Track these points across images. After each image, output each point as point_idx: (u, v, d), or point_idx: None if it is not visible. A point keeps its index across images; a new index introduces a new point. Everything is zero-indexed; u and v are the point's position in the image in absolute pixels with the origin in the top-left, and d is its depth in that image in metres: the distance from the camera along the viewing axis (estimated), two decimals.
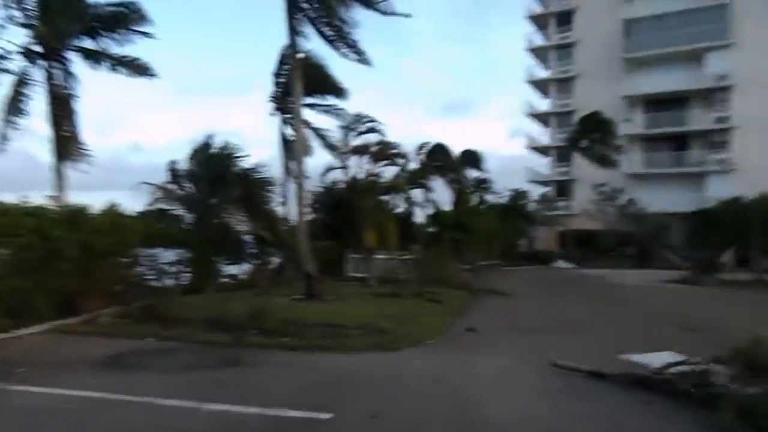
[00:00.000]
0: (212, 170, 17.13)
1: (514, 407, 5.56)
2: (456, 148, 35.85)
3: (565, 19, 44.56)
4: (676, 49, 38.26)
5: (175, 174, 17.73)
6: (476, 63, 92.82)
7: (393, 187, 21.19)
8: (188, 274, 15.02)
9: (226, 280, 17.16)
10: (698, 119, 37.97)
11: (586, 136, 35.54)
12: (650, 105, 40.11)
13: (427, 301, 13.48)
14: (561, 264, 33.28)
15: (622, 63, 40.28)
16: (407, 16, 14.59)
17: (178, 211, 17.39)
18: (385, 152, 21.46)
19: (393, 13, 14.09)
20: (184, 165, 17.69)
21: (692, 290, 20.55)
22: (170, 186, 17.47)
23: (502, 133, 75.54)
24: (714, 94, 37.63)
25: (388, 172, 21.88)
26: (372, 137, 21.40)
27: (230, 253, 17.44)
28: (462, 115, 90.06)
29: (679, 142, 39.11)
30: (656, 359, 7.04)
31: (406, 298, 13.85)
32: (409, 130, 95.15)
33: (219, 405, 5.37)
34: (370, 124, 21.44)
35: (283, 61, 18.63)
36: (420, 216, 27.38)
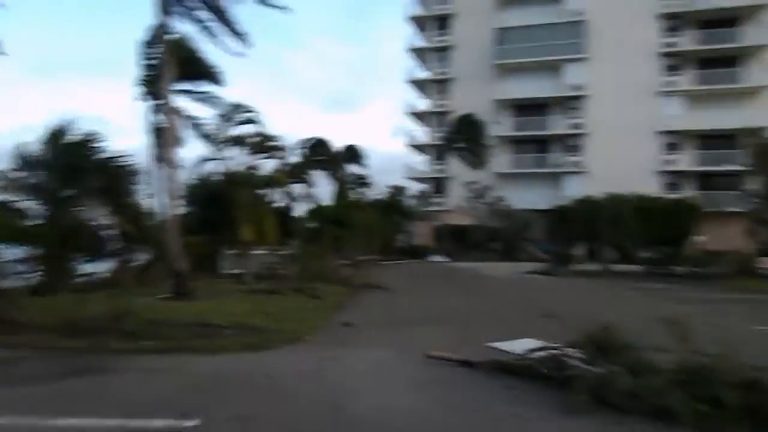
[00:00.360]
0: (68, 158, 15.38)
1: (389, 400, 5.61)
2: (340, 144, 36.02)
3: (444, 23, 46.50)
4: (540, 59, 41.62)
5: (23, 161, 15.69)
6: (361, 60, 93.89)
7: (272, 181, 20.66)
8: (38, 274, 13.42)
9: (83, 279, 15.56)
10: (557, 124, 41.64)
11: (460, 136, 37.47)
12: (518, 109, 43.22)
13: (306, 297, 13.29)
14: (436, 258, 34.76)
15: (493, 69, 42.93)
16: (284, 8, 13.95)
17: (26, 203, 15.44)
18: (264, 144, 20.86)
19: (271, 4, 13.57)
20: (35, 151, 15.71)
21: (550, 280, 22.50)
22: (16, 174, 15.44)
23: (385, 130, 77.24)
24: (571, 102, 41.49)
25: (268, 166, 21.32)
26: (250, 128, 20.69)
27: (88, 249, 15.84)
28: (346, 110, 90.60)
29: (542, 144, 42.63)
30: (519, 346, 7.50)
31: (285, 294, 13.54)
32: (293, 124, 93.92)
33: (72, 419, 4.80)
34: (248, 115, 20.66)
35: (152, 42, 17.25)
36: (300, 211, 27.06)
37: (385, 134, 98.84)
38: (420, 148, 48.11)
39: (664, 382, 5.21)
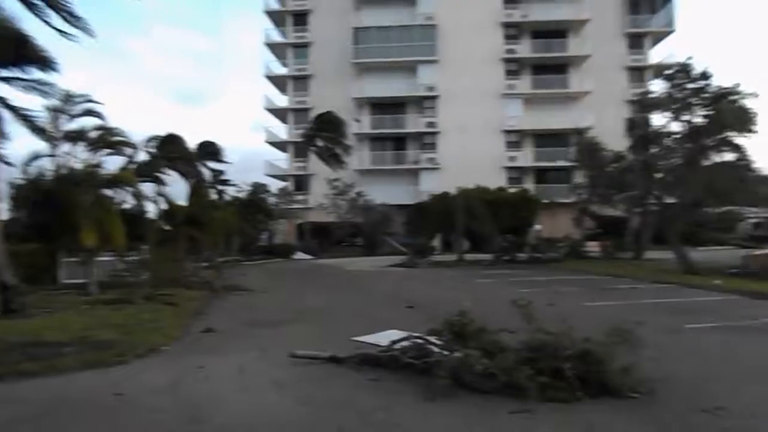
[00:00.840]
0: None
1: (253, 405, 5.43)
2: (196, 139, 34.11)
3: (301, 19, 46.16)
4: (395, 60, 43.13)
5: None
6: (217, 52, 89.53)
7: (118, 180, 18.86)
8: None
9: None
10: (413, 123, 43.52)
11: (319, 133, 37.47)
12: (376, 108, 44.37)
13: (160, 305, 12.37)
14: (300, 256, 34.47)
15: (351, 67, 43.57)
16: None
17: None
18: (107, 139, 18.97)
19: None
20: None
21: (410, 272, 23.45)
22: None
23: (245, 126, 74.65)
24: (425, 102, 43.60)
25: (113, 163, 19.43)
26: (91, 122, 18.69)
27: None
28: (203, 105, 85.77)
29: (399, 142, 44.27)
30: (384, 338, 7.70)
31: (136, 303, 12.48)
32: (145, 119, 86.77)
33: None
34: (88, 106, 18.66)
35: None
36: (152, 212, 25.09)
37: (244, 130, 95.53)
38: (280, 145, 47.35)
39: (512, 360, 5.69)
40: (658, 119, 23.41)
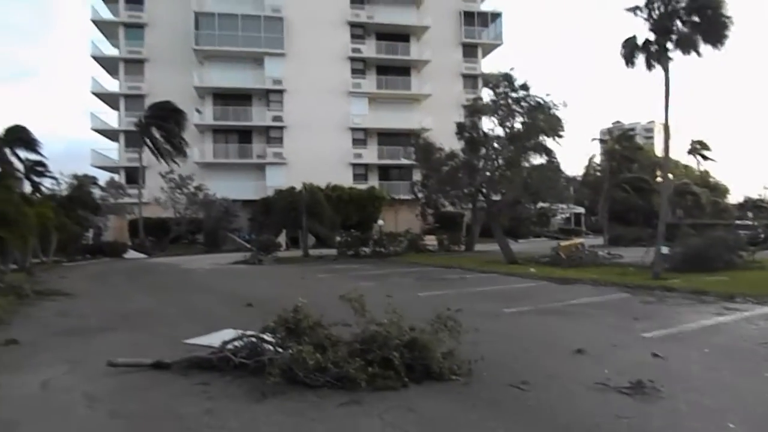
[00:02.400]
0: None
1: (57, 425, 4.85)
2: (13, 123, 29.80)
3: None
4: (241, 50, 41.60)
5: None
6: (40, 26, 78.25)
7: None
8: None
9: None
10: (260, 116, 42.42)
11: (155, 122, 34.91)
12: (220, 98, 42.41)
13: None
14: (132, 255, 31.71)
15: (193, 54, 41.10)
16: None
17: None
18: None
19: None
20: None
21: (253, 269, 22.90)
22: None
23: (73, 110, 66.62)
24: (272, 95, 42.74)
25: None
26: None
27: None
28: (21, 85, 74.36)
29: (245, 135, 42.85)
30: (218, 339, 7.37)
31: None
32: None
33: None
34: None
35: None
36: None
37: (72, 116, 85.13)
38: (110, 133, 43.11)
39: (345, 353, 5.81)
40: (486, 123, 25.78)
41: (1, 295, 13.71)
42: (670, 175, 30.48)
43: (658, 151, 61.64)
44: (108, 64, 43.45)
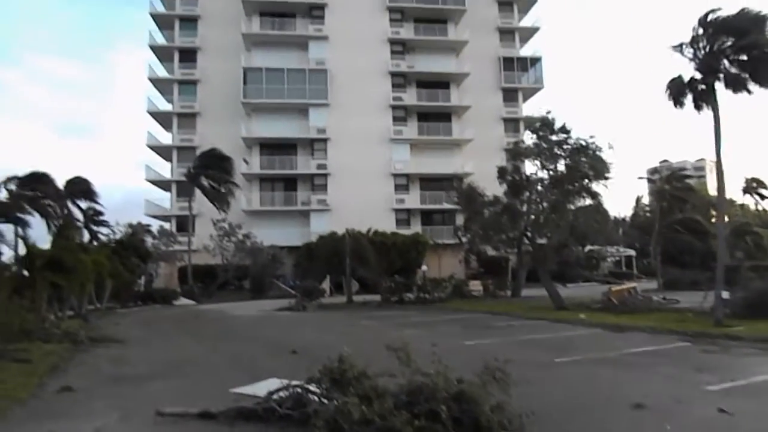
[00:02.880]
0: None
1: None
2: (71, 176, 31.75)
3: (189, 56, 45.06)
4: (287, 102, 43.22)
5: None
6: (100, 85, 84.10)
7: None
8: None
9: None
10: (304, 164, 43.51)
11: (204, 171, 36.29)
12: (266, 148, 43.85)
13: (9, 362, 10.91)
14: (181, 301, 32.44)
15: (241, 107, 42.95)
16: None
17: None
18: None
19: None
20: None
21: (298, 316, 22.96)
22: None
23: (129, 163, 70.42)
24: (316, 144, 43.91)
25: None
26: None
27: None
28: (85, 139, 79.50)
29: (290, 183, 43.93)
30: (263, 388, 7.37)
31: None
32: (20, 153, 78.71)
33: None
34: None
35: None
36: (8, 256, 22.52)
37: (129, 168, 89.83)
38: (163, 184, 45.03)
39: (390, 405, 5.68)
40: (529, 167, 25.61)
41: (57, 341, 14.21)
42: (726, 216, 29.23)
43: (712, 190, 59.45)
44: (162, 118, 45.87)
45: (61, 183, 32.66)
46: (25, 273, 19.49)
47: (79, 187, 34.04)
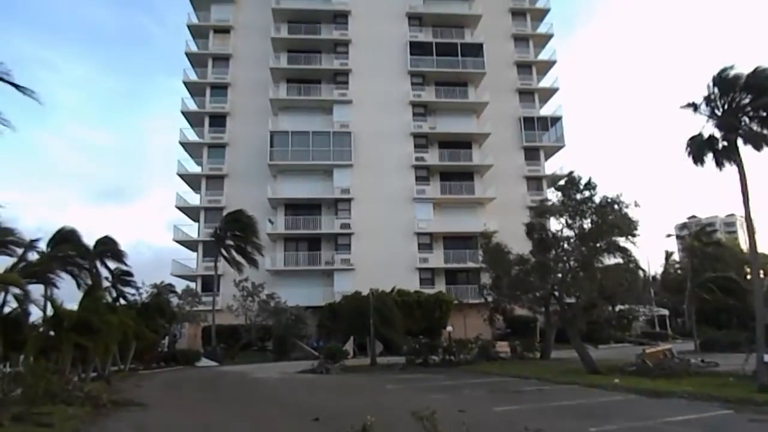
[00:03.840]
0: None
1: None
2: (116, 238, 32.80)
3: (218, 120, 46.89)
4: (311, 163, 44.22)
5: None
6: (133, 148, 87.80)
7: (1, 281, 17.14)
8: None
9: None
10: (328, 224, 43.91)
11: (230, 232, 36.84)
12: (291, 208, 44.51)
13: (32, 427, 10.84)
14: (204, 363, 32.19)
15: (267, 168, 44.05)
16: (30, 93, 11.50)
17: None
18: None
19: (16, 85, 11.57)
20: None
21: (321, 379, 22.48)
22: None
23: (158, 223, 72.33)
24: (339, 204, 44.45)
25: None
26: None
27: None
28: (118, 202, 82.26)
29: (314, 242, 44.20)
30: None
31: (4, 424, 10.86)
32: (56, 214, 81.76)
33: None
34: None
35: None
36: (36, 317, 22.87)
37: (157, 228, 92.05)
38: (191, 243, 45.78)
39: None
40: (554, 224, 25.34)
41: (80, 405, 14.11)
42: (761, 272, 28.24)
43: (744, 246, 57.83)
44: (192, 180, 47.19)
45: (91, 241, 33.47)
46: (52, 333, 19.70)
47: (108, 247, 34.72)
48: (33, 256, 26.75)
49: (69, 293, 28.10)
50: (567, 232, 23.49)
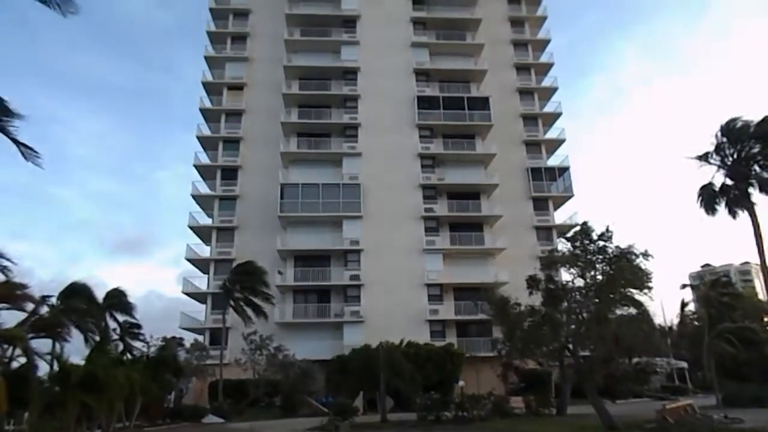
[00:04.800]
0: None
1: None
2: (129, 291, 32.85)
3: (230, 173, 47.72)
4: (321, 215, 44.54)
5: None
6: (147, 201, 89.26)
7: (7, 338, 17.09)
8: None
9: None
10: (338, 275, 43.74)
11: (239, 284, 36.78)
12: (300, 260, 44.48)
13: None
14: (210, 419, 31.41)
15: (277, 220, 44.39)
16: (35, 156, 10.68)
17: None
18: (5, 292, 17.55)
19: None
20: None
21: None
22: None
23: (172, 274, 72.61)
24: (349, 255, 44.40)
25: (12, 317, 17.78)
26: None
27: None
28: (132, 253, 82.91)
29: (323, 294, 43.90)
30: None
31: None
32: (66, 267, 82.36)
33: None
34: None
35: None
36: (43, 373, 22.60)
37: (169, 279, 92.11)
38: (200, 296, 45.66)
39: None
40: (565, 275, 25.04)
41: None
42: None
43: (762, 294, 56.66)
44: (202, 232, 47.56)
45: (103, 294, 33.53)
46: (57, 390, 19.44)
47: (117, 300, 34.74)
48: (43, 310, 26.78)
49: (78, 348, 27.94)
50: (578, 283, 23.21)
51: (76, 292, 30.59)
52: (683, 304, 49.91)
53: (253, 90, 50.57)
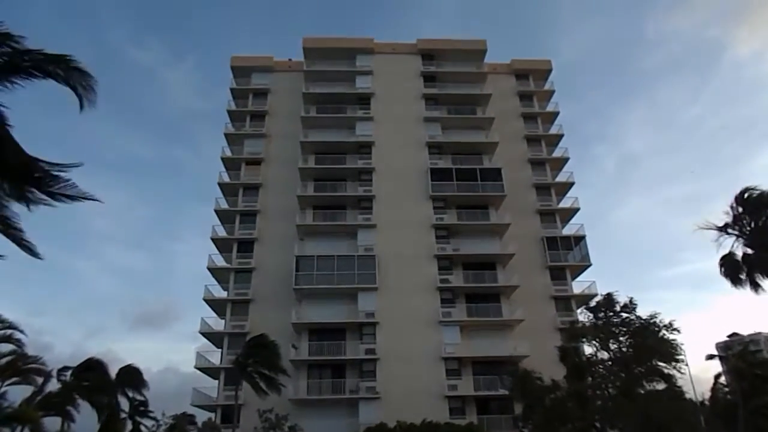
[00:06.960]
0: None
1: None
2: (147, 367, 32.08)
3: (246, 246, 48.11)
4: (336, 287, 44.24)
5: None
6: (166, 274, 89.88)
7: (17, 418, 16.76)
8: None
9: None
10: (353, 349, 42.78)
11: (252, 358, 36.08)
12: (315, 333, 43.73)
13: None
14: None
15: (292, 293, 44.14)
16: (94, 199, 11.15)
17: None
18: (17, 367, 17.42)
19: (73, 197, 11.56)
20: None
21: None
22: None
23: (190, 349, 71.77)
24: (364, 328, 43.62)
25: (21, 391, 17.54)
26: (3, 347, 17.35)
27: None
28: (153, 327, 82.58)
29: (338, 369, 42.72)
30: None
31: None
32: (86, 342, 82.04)
33: None
34: (4, 332, 17.50)
35: None
36: None
37: (186, 354, 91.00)
38: (213, 371, 44.76)
39: None
40: (588, 348, 24.26)
41: None
42: None
43: None
44: (217, 305, 47.32)
45: (116, 369, 33.13)
46: None
47: (130, 377, 34.26)
48: (55, 385, 26.45)
49: (89, 425, 27.28)
50: (601, 356, 22.45)
51: (91, 368, 30.30)
52: (716, 377, 47.69)
53: (271, 165, 51.97)
